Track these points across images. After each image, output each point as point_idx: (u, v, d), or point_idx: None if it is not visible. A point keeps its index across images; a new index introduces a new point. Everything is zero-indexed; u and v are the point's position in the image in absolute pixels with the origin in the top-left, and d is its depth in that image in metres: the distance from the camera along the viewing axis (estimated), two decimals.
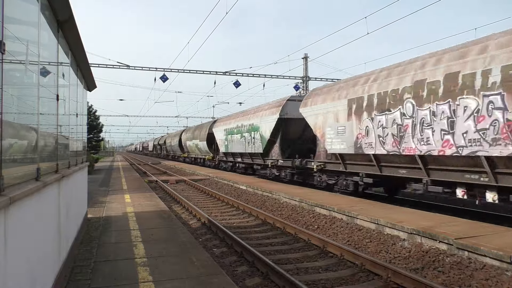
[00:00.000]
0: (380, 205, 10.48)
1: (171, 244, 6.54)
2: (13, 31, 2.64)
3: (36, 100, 3.42)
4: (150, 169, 34.31)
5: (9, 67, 2.58)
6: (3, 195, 2.32)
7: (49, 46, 4.19)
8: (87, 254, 5.96)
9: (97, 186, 16.83)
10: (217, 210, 12.43)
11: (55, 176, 4.12)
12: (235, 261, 6.86)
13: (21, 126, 3.16)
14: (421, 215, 8.77)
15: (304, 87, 30.83)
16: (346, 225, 9.01)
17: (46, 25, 3.88)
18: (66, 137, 5.54)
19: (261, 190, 15.09)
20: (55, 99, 4.37)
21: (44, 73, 3.89)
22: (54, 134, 4.47)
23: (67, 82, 5.43)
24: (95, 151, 42.65)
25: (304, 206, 11.44)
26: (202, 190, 17.57)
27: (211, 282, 4.62)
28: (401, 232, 7.59)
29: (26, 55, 3.08)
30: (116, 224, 8.30)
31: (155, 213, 9.73)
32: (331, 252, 7.17)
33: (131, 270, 5.11)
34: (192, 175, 25.62)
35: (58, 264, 4.35)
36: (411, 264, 6.33)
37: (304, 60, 31.06)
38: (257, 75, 30.18)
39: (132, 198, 12.72)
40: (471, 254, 6.09)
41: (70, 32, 4.92)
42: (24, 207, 2.81)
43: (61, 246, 4.56)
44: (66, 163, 5.35)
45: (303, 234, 8.34)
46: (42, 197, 3.44)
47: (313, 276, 5.99)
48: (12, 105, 2.78)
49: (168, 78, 27.73)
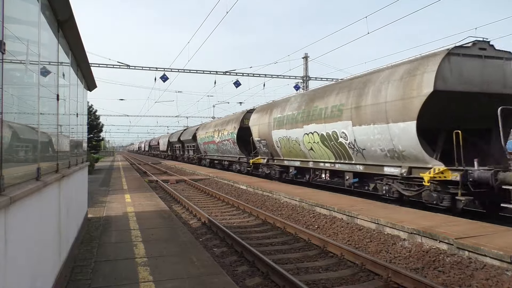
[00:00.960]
0: (380, 205, 10.48)
1: (172, 244, 6.54)
2: (13, 31, 2.63)
3: (36, 100, 3.42)
4: (150, 169, 34.33)
5: (10, 66, 2.58)
6: (4, 195, 2.32)
7: (49, 46, 4.18)
8: (88, 254, 5.96)
9: (98, 186, 16.83)
10: (217, 210, 12.43)
11: (56, 176, 4.12)
12: (236, 261, 6.86)
13: (21, 126, 3.15)
14: (421, 215, 8.77)
15: (305, 86, 30.83)
16: (346, 225, 9.01)
17: (46, 25, 3.88)
18: (67, 137, 5.54)
19: (261, 190, 15.10)
20: (55, 99, 4.37)
21: (45, 73, 3.89)
22: (55, 134, 4.47)
23: (67, 82, 5.43)
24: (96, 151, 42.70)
25: (304, 206, 11.44)
26: (202, 190, 17.57)
27: (211, 282, 4.62)
28: (402, 232, 7.59)
29: (26, 54, 3.08)
30: (116, 224, 8.31)
31: (155, 213, 9.73)
32: (331, 252, 7.17)
33: (132, 270, 5.11)
34: (192, 174, 25.62)
35: (58, 264, 4.35)
36: (412, 264, 6.33)
37: (304, 59, 31.06)
38: (257, 74, 30.19)
39: (133, 198, 12.73)
40: (472, 254, 6.09)
41: (70, 31, 4.92)
42: (25, 207, 2.80)
43: (61, 246, 4.56)
44: (67, 163, 5.35)
45: (303, 234, 8.34)
46: (42, 197, 3.44)
47: (313, 276, 5.99)
48: (13, 105, 2.78)
49: (168, 78, 27.76)
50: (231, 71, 29.48)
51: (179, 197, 14.63)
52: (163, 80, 27.65)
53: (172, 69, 28.32)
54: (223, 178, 20.50)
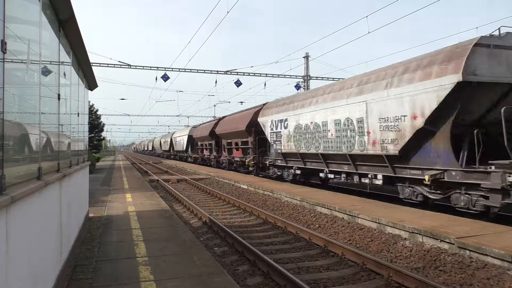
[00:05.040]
0: (381, 204, 10.47)
1: (173, 243, 6.54)
2: (14, 31, 2.64)
3: (37, 99, 3.42)
4: (151, 168, 34.35)
5: (11, 66, 2.58)
6: (5, 194, 2.33)
7: (51, 45, 4.19)
8: (89, 253, 5.97)
9: (99, 185, 16.85)
10: (218, 209, 12.43)
11: (57, 175, 4.12)
12: (236, 260, 6.86)
13: (22, 125, 3.16)
14: (422, 214, 8.76)
15: (305, 86, 30.80)
16: (347, 224, 9.00)
17: (47, 25, 3.88)
18: (68, 136, 5.55)
19: (262, 189, 15.10)
20: (56, 98, 4.38)
21: (46, 72, 3.89)
22: (56, 133, 4.48)
23: (68, 81, 5.43)
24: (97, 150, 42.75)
25: (305, 205, 11.44)
26: (203, 189, 17.58)
27: (212, 281, 4.62)
28: (403, 231, 7.59)
29: (27, 54, 3.08)
30: (117, 223, 8.32)
31: (156, 212, 9.74)
32: (332, 251, 7.17)
33: (133, 269, 5.12)
34: (193, 174, 25.63)
35: (59, 263, 4.35)
36: (413, 264, 6.33)
37: (305, 59, 31.03)
38: (258, 74, 30.16)
39: (134, 197, 12.74)
40: (473, 253, 6.08)
41: (71, 31, 4.93)
42: (26, 206, 2.81)
43: (62, 245, 4.57)
44: (68, 162, 5.35)
45: (304, 233, 8.34)
46: (43, 196, 3.44)
47: (314, 275, 5.99)
48: (14, 104, 2.78)
49: (169, 77, 27.74)
50: (232, 71, 29.47)
51: (180, 196, 14.63)
52: (164, 80, 27.64)
53: (173, 68, 28.31)
54: (224, 178, 20.50)
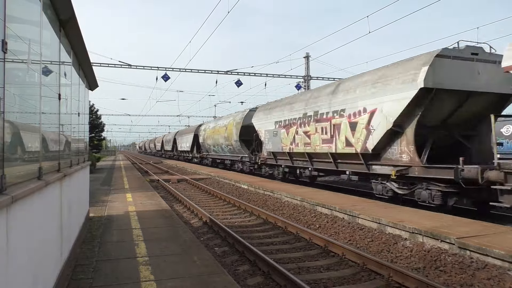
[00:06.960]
0: (382, 204, 10.47)
1: (173, 243, 6.54)
2: (15, 30, 2.64)
3: (38, 99, 3.42)
4: (152, 168, 34.36)
5: (11, 66, 2.58)
6: (5, 194, 2.33)
7: (51, 45, 4.19)
8: (89, 253, 5.97)
9: (99, 185, 16.86)
10: (218, 209, 12.43)
11: (57, 175, 4.13)
12: (237, 260, 6.86)
13: (23, 125, 3.16)
14: (423, 215, 8.76)
15: (306, 86, 30.80)
16: (347, 224, 9.00)
17: (48, 24, 3.88)
18: (68, 136, 5.55)
19: (262, 189, 15.09)
20: (57, 98, 4.38)
21: (46, 72, 3.89)
22: (56, 133, 4.48)
23: (69, 81, 5.43)
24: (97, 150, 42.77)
25: (306, 205, 11.44)
26: (203, 189, 17.58)
27: (213, 281, 4.62)
28: (403, 232, 7.58)
29: (28, 54, 3.08)
30: (117, 223, 8.32)
31: (156, 212, 9.74)
32: (332, 252, 7.16)
33: (133, 269, 5.12)
34: (193, 174, 25.63)
35: (60, 263, 4.36)
36: (413, 264, 6.32)
37: (305, 59, 31.02)
38: (258, 74, 30.15)
39: (134, 197, 12.74)
40: (473, 253, 6.08)
41: (72, 31, 4.93)
42: (26, 206, 2.81)
43: (63, 245, 4.57)
44: (68, 162, 5.36)
45: (305, 234, 8.33)
46: (44, 196, 3.44)
47: (314, 275, 5.98)
48: (14, 104, 2.78)
49: (169, 77, 27.75)
50: (232, 71, 29.46)
51: (181, 196, 14.63)
52: (164, 80, 27.64)
53: (173, 68, 28.31)
54: (224, 178, 20.51)
